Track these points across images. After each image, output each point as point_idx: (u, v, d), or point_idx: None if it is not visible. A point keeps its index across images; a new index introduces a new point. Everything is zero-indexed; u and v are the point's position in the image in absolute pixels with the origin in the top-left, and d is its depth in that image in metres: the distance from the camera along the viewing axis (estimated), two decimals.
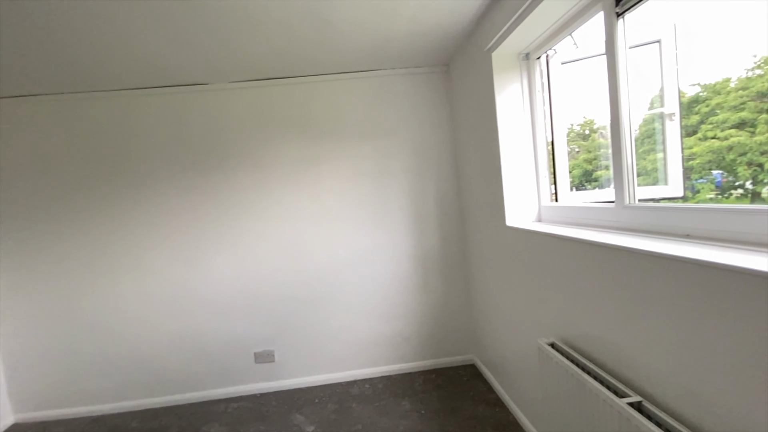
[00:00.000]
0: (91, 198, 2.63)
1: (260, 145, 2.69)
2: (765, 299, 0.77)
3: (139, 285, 2.67)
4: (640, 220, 1.32)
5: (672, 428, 0.97)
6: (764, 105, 2.80)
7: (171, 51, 2.10)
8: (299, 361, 2.79)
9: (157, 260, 2.67)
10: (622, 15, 1.32)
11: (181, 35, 1.93)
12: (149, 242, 2.66)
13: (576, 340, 1.47)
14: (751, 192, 3.05)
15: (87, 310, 2.66)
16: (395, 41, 2.23)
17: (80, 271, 2.64)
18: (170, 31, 1.88)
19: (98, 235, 2.64)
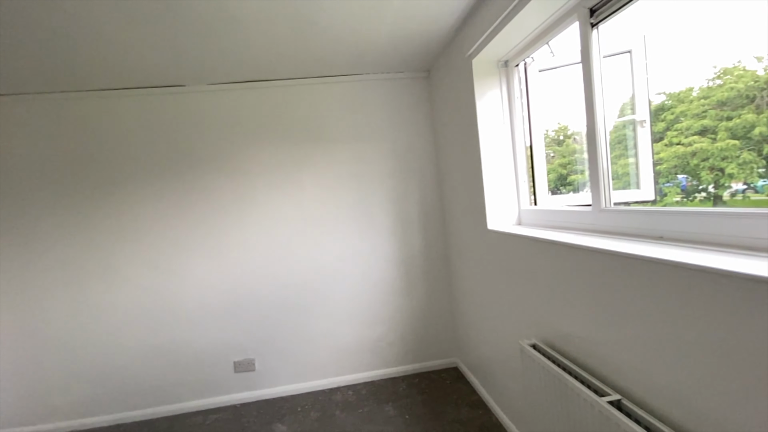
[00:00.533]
0: (58, 203, 2.50)
1: (240, 148, 2.64)
2: (733, 297, 0.81)
3: (111, 294, 2.56)
4: (615, 223, 1.36)
5: (651, 425, 1.00)
6: (724, 113, 2.97)
7: (146, 51, 2.03)
8: (281, 370, 2.74)
9: (130, 268, 2.57)
10: (597, 26, 1.37)
11: (157, 35, 1.88)
12: (121, 249, 2.56)
13: (557, 340, 1.50)
14: (713, 195, 3.22)
15: (54, 321, 2.52)
16: (377, 46, 2.24)
17: (46, 280, 2.50)
18: (146, 31, 1.82)
19: (66, 242, 2.51)
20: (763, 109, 2.77)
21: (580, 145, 2.81)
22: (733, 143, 2.82)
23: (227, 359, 2.68)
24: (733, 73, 2.92)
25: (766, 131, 2.70)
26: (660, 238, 1.18)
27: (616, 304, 1.16)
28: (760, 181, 2.83)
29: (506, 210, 2.05)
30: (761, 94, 2.81)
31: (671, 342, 0.97)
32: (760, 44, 2.27)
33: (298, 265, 2.72)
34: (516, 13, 1.54)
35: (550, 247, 1.49)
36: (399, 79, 2.77)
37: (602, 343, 1.24)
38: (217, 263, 2.64)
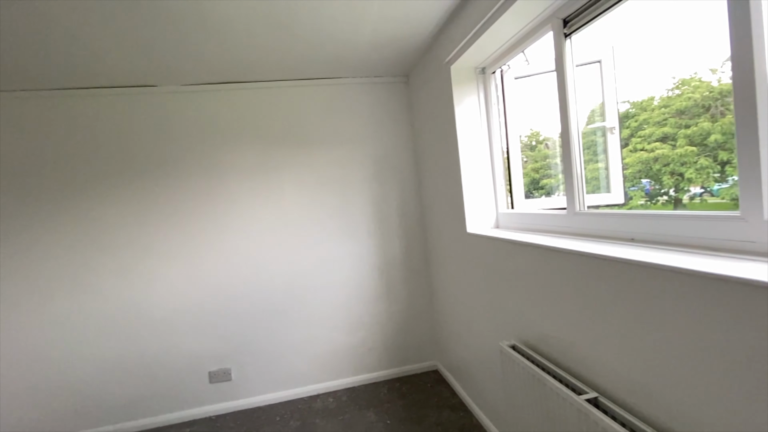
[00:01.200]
0: (20, 208, 2.35)
1: (216, 151, 2.57)
2: (701, 296, 0.85)
3: (77, 303, 2.41)
4: (589, 226, 1.41)
5: (626, 421, 1.03)
6: (683, 121, 3.16)
7: (116, 50, 1.95)
8: (258, 379, 2.66)
9: (98, 275, 2.44)
10: (570, 36, 1.42)
11: (127, 35, 1.80)
12: (89, 256, 2.42)
13: (536, 341, 1.53)
14: (674, 199, 3.41)
15: (15, 333, 2.35)
16: (357, 50, 2.24)
17: (6, 290, 2.34)
18: (115, 28, 1.75)
19: (29, 249, 2.36)
20: (718, 118, 2.96)
21: (551, 150, 2.91)
22: (691, 149, 3.00)
23: (202, 369, 2.58)
24: (690, 84, 3.11)
25: (721, 138, 2.89)
26: (631, 239, 1.23)
27: (591, 305, 1.20)
28: (716, 186, 3.02)
29: (484, 213, 2.09)
30: (715, 104, 3.00)
31: (645, 340, 1.02)
32: (714, 57, 2.43)
33: (276, 270, 2.67)
34: (493, 22, 1.58)
35: (527, 249, 1.53)
36: (378, 84, 2.78)
37: (579, 343, 1.28)
38: (191, 270, 2.55)
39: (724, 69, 3.01)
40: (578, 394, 1.18)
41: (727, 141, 2.97)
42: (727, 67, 3.06)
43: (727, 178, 3.04)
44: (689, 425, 0.91)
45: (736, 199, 2.90)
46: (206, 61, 2.18)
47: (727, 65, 3.06)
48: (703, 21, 2.16)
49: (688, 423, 0.91)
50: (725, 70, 3.00)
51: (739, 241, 0.91)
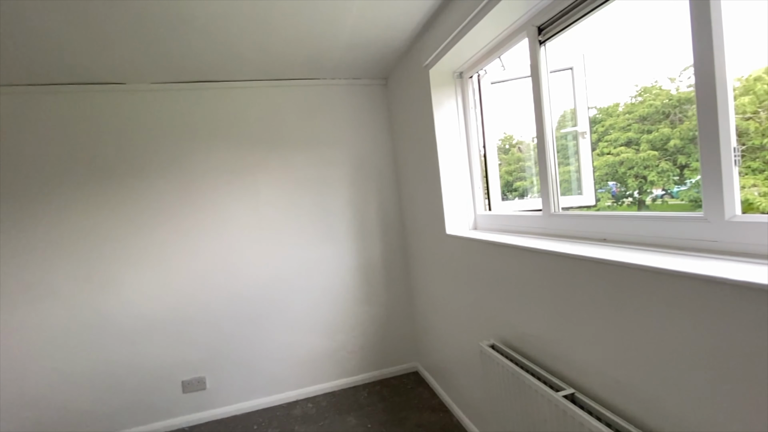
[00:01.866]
0: None
1: (188, 152, 2.48)
2: (669, 293, 0.89)
3: (39, 312, 2.26)
4: (564, 227, 1.46)
5: (602, 415, 1.07)
6: (645, 127, 3.33)
7: (78, 44, 1.85)
8: (235, 387, 2.59)
9: (59, 283, 2.30)
10: (544, 43, 1.47)
11: (90, 27, 1.71)
12: (48, 262, 2.28)
13: (514, 340, 1.56)
14: (638, 200, 3.59)
15: None
16: (335, 51, 2.23)
17: None
18: (76, 21, 1.66)
19: None
20: (677, 124, 3.14)
21: (524, 153, 3.00)
22: (653, 154, 3.17)
23: (174, 379, 2.48)
24: (652, 92, 3.29)
25: (680, 143, 3.06)
26: (603, 240, 1.28)
27: (567, 303, 1.24)
28: (675, 188, 3.20)
29: (463, 215, 2.12)
30: (674, 111, 3.19)
31: (618, 336, 1.06)
32: (673, 66, 2.58)
33: (252, 274, 2.60)
34: (470, 28, 1.61)
35: (506, 250, 1.56)
36: (357, 86, 2.77)
37: (556, 341, 1.31)
38: (161, 275, 2.45)
39: (682, 78, 3.19)
40: (556, 391, 1.21)
41: (685, 146, 3.16)
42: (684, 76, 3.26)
43: (685, 181, 3.23)
44: (662, 416, 0.95)
45: (694, 201, 3.08)
46: (177, 58, 2.11)
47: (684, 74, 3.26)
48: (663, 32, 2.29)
49: (661, 414, 0.95)
50: (683, 78, 3.18)
51: (702, 241, 0.97)
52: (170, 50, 2.00)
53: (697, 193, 3.08)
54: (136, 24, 1.71)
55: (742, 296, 0.75)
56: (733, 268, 0.80)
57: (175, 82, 2.43)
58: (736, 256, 0.88)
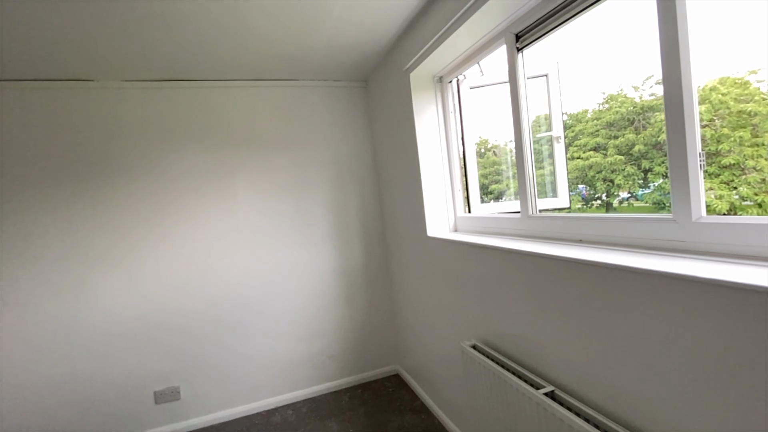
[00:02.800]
0: None
1: (162, 153, 2.39)
2: (642, 291, 0.93)
3: None
4: (542, 228, 1.50)
5: (581, 411, 1.11)
6: (612, 133, 3.48)
7: (44, 38, 1.75)
8: (210, 395, 2.50)
9: (20, 291, 2.15)
10: (522, 50, 1.51)
11: (57, 21, 1.63)
12: (8, 268, 2.13)
13: (495, 340, 1.59)
14: (606, 203, 3.74)
15: None
16: (315, 53, 2.21)
17: None
18: (42, 13, 1.57)
19: None
20: (641, 130, 3.31)
21: (499, 157, 3.08)
22: (619, 158, 3.32)
23: (146, 390, 2.37)
24: (617, 99, 3.45)
25: (644, 149, 3.22)
26: (580, 240, 1.32)
27: (545, 302, 1.28)
28: (640, 191, 3.36)
29: (443, 217, 2.15)
30: (638, 118, 3.35)
31: (595, 334, 1.10)
32: (637, 76, 2.72)
33: (229, 279, 2.53)
34: (450, 33, 1.64)
35: (486, 251, 1.59)
36: (337, 88, 2.76)
37: (536, 340, 1.35)
38: (132, 281, 2.34)
39: (645, 87, 3.36)
40: (536, 389, 1.24)
41: (648, 151, 3.33)
42: (647, 85, 3.43)
43: (649, 184, 3.40)
44: (637, 410, 0.99)
45: (657, 203, 3.25)
46: (150, 56, 2.03)
47: (647, 83, 3.43)
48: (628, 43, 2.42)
49: (637, 408, 0.99)
50: (645, 87, 3.36)
51: (671, 241, 1.02)
52: (142, 47, 1.92)
53: (660, 196, 3.25)
54: (105, 19, 1.64)
55: (710, 293, 0.79)
56: (700, 267, 0.85)
57: (148, 80, 2.34)
58: (703, 255, 0.93)
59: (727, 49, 1.48)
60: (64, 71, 2.10)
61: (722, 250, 0.91)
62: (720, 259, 0.88)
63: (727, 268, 0.81)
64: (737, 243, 0.88)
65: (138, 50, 1.95)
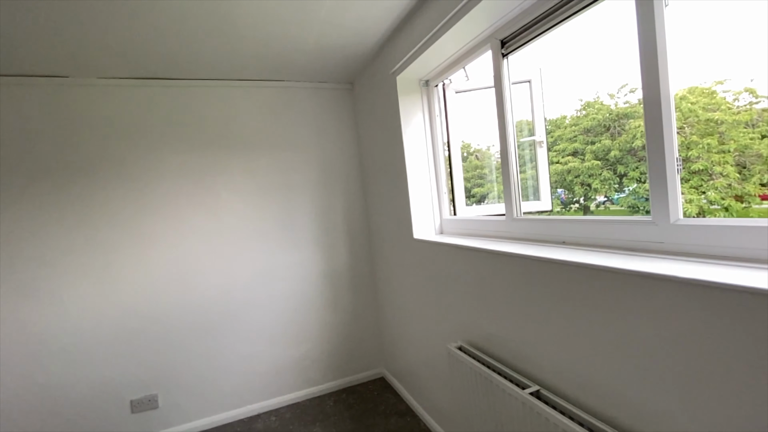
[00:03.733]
0: None
1: (140, 153, 2.32)
2: (623, 291, 0.96)
3: None
4: (526, 231, 1.53)
5: (565, 410, 1.13)
6: (589, 138, 3.59)
7: (17, 32, 1.67)
8: (190, 403, 2.43)
9: None
10: (507, 56, 1.54)
11: (31, 14, 1.56)
12: None
13: (481, 341, 1.61)
14: (583, 206, 3.85)
15: None
16: (301, 54, 2.20)
17: None
18: (14, 5, 1.50)
19: None
20: (616, 137, 3.42)
21: (481, 161, 3.13)
22: (596, 163, 3.43)
23: (122, 399, 2.28)
24: (594, 107, 3.57)
25: (619, 154, 3.33)
26: (563, 242, 1.36)
27: (530, 303, 1.30)
28: (616, 195, 3.47)
29: (429, 220, 2.16)
30: (614, 124, 3.47)
31: (579, 333, 1.12)
32: (612, 84, 2.80)
33: (211, 283, 2.47)
34: (437, 38, 1.66)
35: (472, 253, 1.60)
36: (323, 89, 2.74)
37: (521, 340, 1.37)
38: (108, 285, 2.25)
39: (620, 95, 3.49)
40: (522, 389, 1.26)
41: (623, 156, 3.45)
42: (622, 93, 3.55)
43: (624, 189, 3.52)
44: (620, 407, 1.02)
45: (631, 207, 3.33)
46: (130, 53, 1.97)
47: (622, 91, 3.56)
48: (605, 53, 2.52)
49: (619, 405, 1.02)
50: (620, 95, 3.48)
51: (651, 242, 1.06)
52: (120, 44, 1.86)
53: (634, 200, 3.37)
54: (80, 12, 1.58)
55: (688, 292, 0.82)
56: (678, 268, 0.88)
57: (127, 78, 2.27)
58: (680, 256, 0.97)
59: (696, 61, 1.55)
60: (36, 66, 2.01)
61: (699, 251, 0.95)
62: (697, 260, 0.92)
63: (704, 268, 0.85)
64: (713, 244, 0.92)
65: (116, 46, 1.89)
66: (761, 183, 2.01)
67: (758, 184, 2.03)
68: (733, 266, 0.83)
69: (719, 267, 0.84)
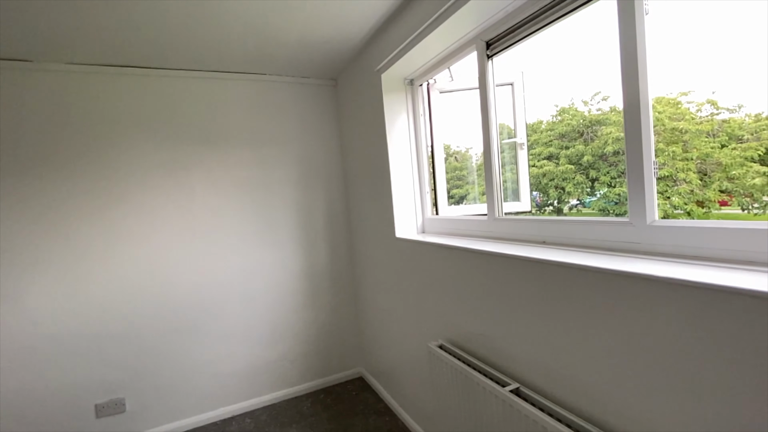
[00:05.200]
0: None
1: (111, 144, 2.20)
2: (601, 289, 0.99)
3: None
4: (507, 230, 1.56)
5: (545, 407, 1.15)
6: (563, 143, 3.70)
7: None
8: (160, 406, 2.33)
9: None
10: (492, 57, 1.56)
11: None
12: None
13: (462, 340, 1.62)
14: (557, 209, 3.96)
15: None
16: (284, 47, 2.15)
17: None
18: None
19: None
20: (589, 142, 3.54)
21: (460, 163, 3.17)
22: (570, 167, 3.53)
23: (86, 403, 2.16)
24: (569, 113, 3.68)
25: (591, 159, 3.45)
26: (543, 242, 1.38)
27: (512, 302, 1.32)
28: (588, 199, 3.59)
29: (411, 218, 2.16)
30: (587, 131, 3.59)
31: (559, 332, 1.14)
32: (586, 92, 2.88)
33: (183, 281, 2.38)
34: (423, 37, 1.66)
35: (454, 252, 1.61)
36: (306, 85, 2.69)
37: (502, 338, 1.39)
38: (73, 283, 2.12)
39: (593, 102, 3.62)
40: (503, 387, 1.27)
41: (595, 161, 3.57)
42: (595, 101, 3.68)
43: (595, 192, 3.65)
44: (598, 403, 1.04)
45: (602, 210, 3.46)
46: (100, 37, 1.87)
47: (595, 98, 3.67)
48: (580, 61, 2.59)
49: (597, 401, 1.05)
50: (594, 103, 3.61)
51: (628, 243, 1.09)
52: (89, 27, 1.76)
53: (604, 203, 3.49)
54: None
55: (665, 291, 0.85)
56: (655, 267, 0.91)
57: (96, 65, 2.15)
58: (656, 256, 1.00)
59: (663, 72, 1.62)
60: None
61: (674, 251, 0.99)
62: (673, 260, 0.95)
63: (681, 268, 0.88)
64: (687, 245, 0.96)
65: (88, 30, 1.78)
66: (720, 190, 2.13)
67: (718, 190, 2.15)
68: (708, 267, 0.87)
69: (695, 267, 0.88)
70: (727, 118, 2.10)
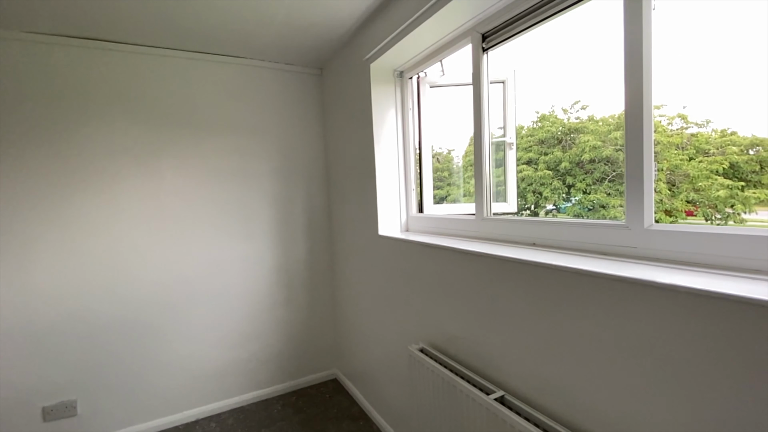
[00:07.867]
0: None
1: (69, 123, 2.01)
2: (595, 294, 0.94)
3: None
4: (496, 231, 1.50)
5: (531, 416, 1.09)
6: (543, 149, 3.71)
7: None
8: (116, 409, 2.15)
9: None
10: (487, 51, 1.50)
11: None
12: None
13: (444, 343, 1.55)
14: (533, 213, 3.97)
15: None
16: (268, 29, 2.02)
17: None
18: None
19: None
20: (567, 149, 3.57)
21: (441, 164, 3.13)
22: (548, 173, 3.55)
23: (32, 406, 1.96)
24: (549, 120, 3.71)
25: (568, 166, 3.47)
26: (533, 244, 1.33)
27: (498, 305, 1.26)
28: (563, 204, 3.62)
29: (395, 216, 2.08)
30: (566, 138, 3.62)
31: (547, 338, 1.09)
32: (566, 100, 2.89)
33: (147, 276, 2.21)
34: (417, 26, 1.58)
35: (440, 252, 1.54)
36: (289, 72, 2.57)
37: (487, 343, 1.32)
38: (20, 274, 1.93)
39: (572, 111, 3.65)
40: (487, 394, 1.21)
41: (572, 168, 3.60)
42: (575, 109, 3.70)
43: (570, 198, 3.68)
44: (584, 412, 0.99)
45: (577, 215, 3.47)
46: (66, 5, 1.69)
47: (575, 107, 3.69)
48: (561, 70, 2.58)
49: (584, 410, 0.99)
50: (573, 111, 3.64)
51: (624, 246, 1.05)
52: None
53: (579, 209, 3.51)
54: None
55: (664, 298, 0.80)
56: (654, 273, 0.86)
57: (58, 35, 1.95)
58: (653, 261, 0.96)
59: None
60: None
61: (671, 257, 0.95)
62: (671, 266, 0.91)
63: (680, 275, 0.83)
64: (685, 250, 0.92)
65: None
66: (687, 200, 2.19)
67: (685, 200, 2.21)
68: (708, 274, 0.83)
69: (694, 275, 0.83)
70: (696, 133, 2.17)
